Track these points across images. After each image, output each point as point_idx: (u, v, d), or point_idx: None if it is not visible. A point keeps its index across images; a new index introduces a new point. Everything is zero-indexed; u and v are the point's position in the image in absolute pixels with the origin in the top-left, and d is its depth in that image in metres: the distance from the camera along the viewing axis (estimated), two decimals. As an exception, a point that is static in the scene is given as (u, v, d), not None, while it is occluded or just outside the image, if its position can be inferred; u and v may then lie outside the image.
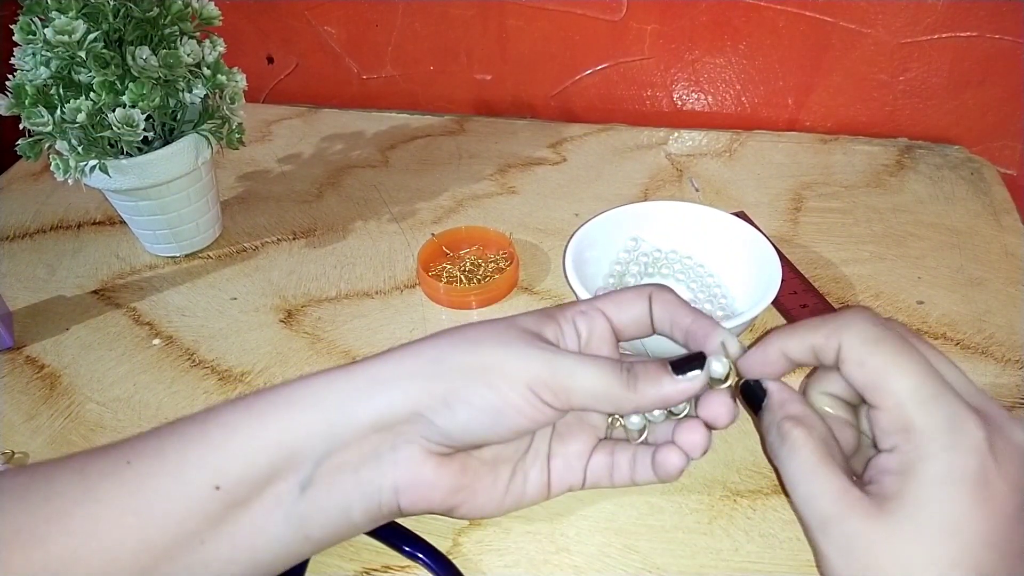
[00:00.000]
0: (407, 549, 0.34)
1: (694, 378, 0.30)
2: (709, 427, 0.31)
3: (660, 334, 0.33)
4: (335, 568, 0.34)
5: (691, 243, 0.49)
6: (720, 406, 0.31)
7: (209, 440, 0.28)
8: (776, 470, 0.29)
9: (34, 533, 0.26)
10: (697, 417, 0.32)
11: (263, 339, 0.47)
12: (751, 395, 0.31)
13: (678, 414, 0.33)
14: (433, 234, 0.52)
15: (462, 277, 0.50)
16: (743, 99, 0.67)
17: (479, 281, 0.50)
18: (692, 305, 0.32)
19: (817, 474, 0.27)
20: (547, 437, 0.33)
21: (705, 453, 0.32)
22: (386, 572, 0.34)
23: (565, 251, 0.44)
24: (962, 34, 0.59)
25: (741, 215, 0.53)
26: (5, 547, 0.25)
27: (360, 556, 0.34)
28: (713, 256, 0.48)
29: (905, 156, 0.62)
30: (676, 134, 0.66)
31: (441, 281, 0.49)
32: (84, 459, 0.28)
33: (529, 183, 0.61)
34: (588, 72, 0.69)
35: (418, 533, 0.34)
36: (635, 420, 0.33)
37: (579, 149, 0.65)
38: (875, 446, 0.28)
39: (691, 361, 0.30)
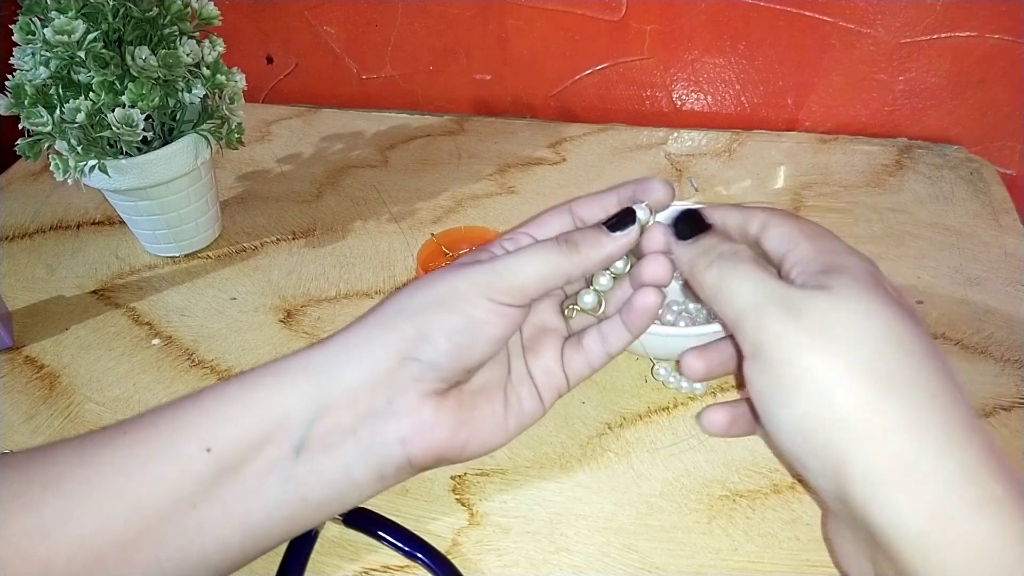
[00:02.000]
0: (407, 549, 0.34)
1: (630, 231, 0.32)
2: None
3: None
4: (335, 568, 0.34)
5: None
6: (657, 264, 0.33)
7: (201, 408, 0.29)
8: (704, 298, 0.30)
9: (30, 497, 0.27)
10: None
11: (262, 339, 0.47)
12: (695, 222, 0.32)
13: (621, 274, 0.34)
14: (432, 234, 0.52)
15: (461, 277, 0.50)
16: (742, 99, 0.67)
17: (478, 281, 0.49)
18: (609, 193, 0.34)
19: (756, 274, 0.28)
20: (521, 357, 0.34)
21: (668, 283, 0.33)
22: (386, 572, 0.34)
23: None
24: (962, 34, 0.59)
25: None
26: (3, 510, 0.26)
27: (360, 556, 0.34)
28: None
29: (904, 156, 0.62)
30: (675, 134, 0.66)
31: (440, 281, 0.49)
32: (85, 435, 0.29)
33: (529, 183, 0.61)
34: (587, 72, 0.69)
35: (418, 533, 0.34)
36: (588, 299, 0.34)
37: (579, 149, 0.65)
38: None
39: (623, 217, 0.32)
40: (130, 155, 0.47)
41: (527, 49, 0.68)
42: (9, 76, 0.45)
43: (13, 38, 0.44)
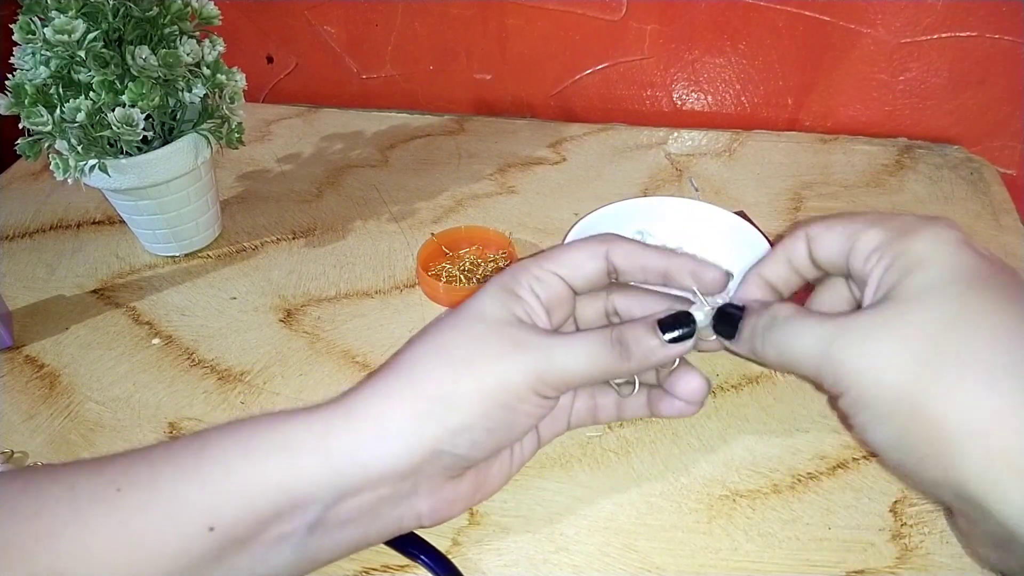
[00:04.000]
0: (407, 549, 0.34)
1: (686, 342, 0.30)
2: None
3: (632, 283, 0.33)
4: (335, 568, 0.34)
5: (693, 240, 0.49)
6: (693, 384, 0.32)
7: (203, 478, 0.27)
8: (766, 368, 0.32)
9: (22, 549, 0.25)
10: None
11: (263, 339, 0.47)
12: (727, 317, 0.31)
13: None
14: (432, 234, 0.52)
15: (461, 277, 0.50)
16: (743, 99, 0.67)
17: (478, 281, 0.50)
18: (653, 245, 0.33)
19: (804, 324, 0.28)
20: None
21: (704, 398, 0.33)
22: (386, 572, 0.34)
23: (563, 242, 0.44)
24: (962, 34, 0.59)
25: (741, 215, 0.53)
26: None
27: (360, 556, 0.34)
28: (713, 254, 0.48)
29: (905, 156, 0.62)
30: (676, 134, 0.66)
31: (440, 281, 0.49)
32: (75, 475, 0.27)
33: (529, 183, 0.61)
34: (588, 72, 0.69)
35: (418, 533, 0.34)
36: (626, 389, 0.34)
37: (579, 149, 0.65)
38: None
39: (679, 322, 0.30)
40: (130, 155, 0.47)
41: (527, 49, 0.68)
42: (9, 76, 0.45)
43: (13, 37, 0.44)
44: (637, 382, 0.34)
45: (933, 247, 0.26)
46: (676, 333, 0.30)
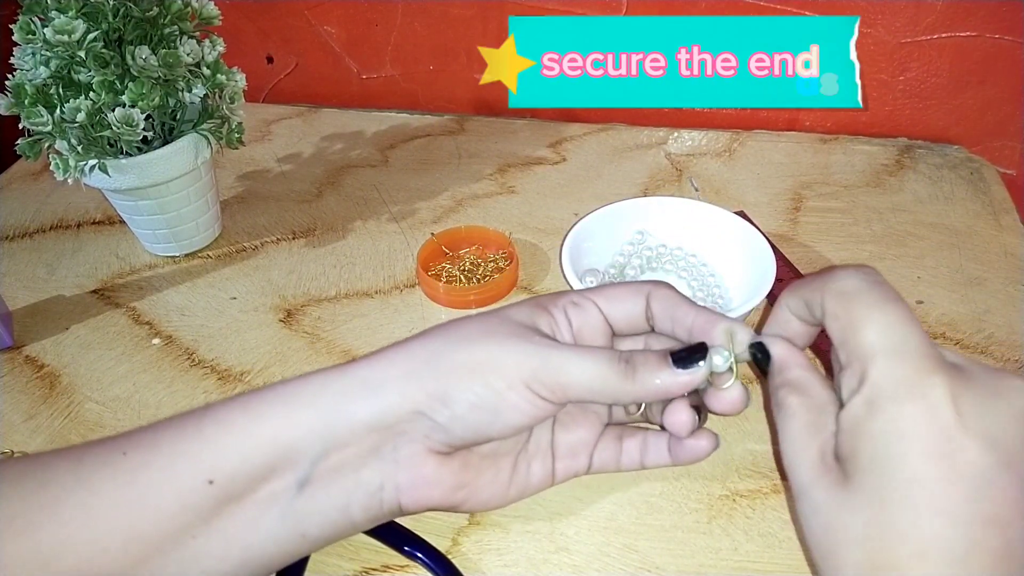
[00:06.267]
0: (406, 549, 0.34)
1: (695, 372, 0.29)
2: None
3: (661, 333, 0.32)
4: (335, 568, 0.34)
5: (693, 240, 0.49)
6: (726, 403, 0.30)
7: (203, 435, 0.28)
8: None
9: (27, 520, 0.26)
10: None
11: (263, 339, 0.47)
12: (757, 359, 0.30)
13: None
14: (433, 234, 0.52)
15: (462, 277, 0.50)
16: (743, 99, 0.67)
17: (479, 281, 0.50)
18: (695, 303, 0.32)
19: (798, 444, 0.26)
20: (548, 426, 0.33)
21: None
22: (385, 572, 0.34)
23: (563, 242, 0.45)
24: (962, 34, 0.59)
25: (741, 215, 0.53)
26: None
27: (359, 556, 0.34)
28: (713, 254, 0.48)
29: (905, 156, 0.62)
30: (676, 134, 0.66)
31: (441, 281, 0.49)
32: (83, 449, 0.28)
33: (529, 183, 0.61)
34: (588, 72, 0.69)
35: (418, 533, 0.34)
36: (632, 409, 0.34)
37: (579, 149, 0.65)
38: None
39: (693, 353, 0.29)
40: (130, 155, 0.47)
41: (527, 49, 0.68)
42: (9, 76, 0.45)
43: (13, 38, 0.44)
44: (643, 406, 0.34)
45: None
46: (684, 357, 0.29)
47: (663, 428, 0.33)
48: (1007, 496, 0.22)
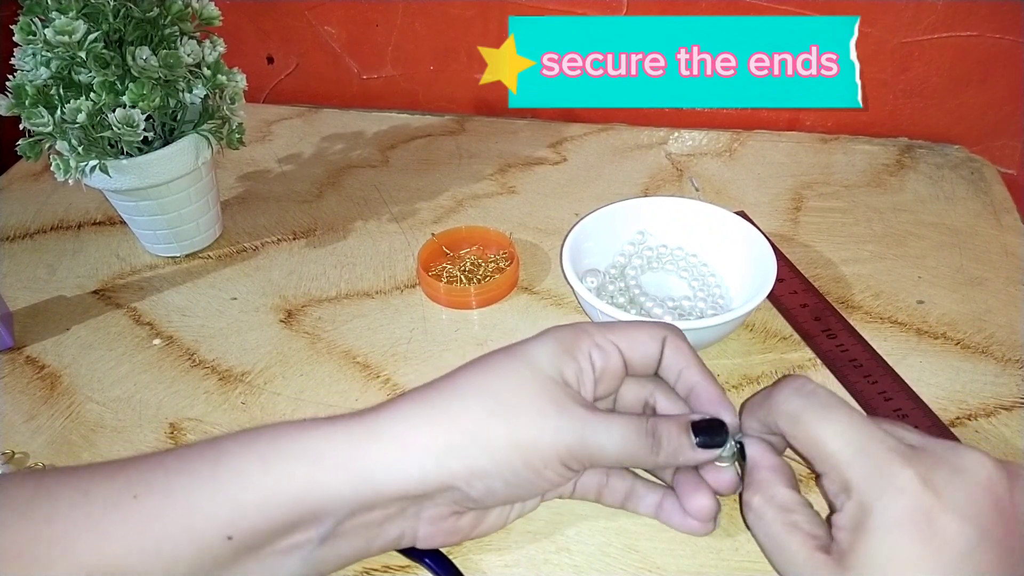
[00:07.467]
0: (407, 549, 0.34)
1: (712, 454, 0.32)
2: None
3: (663, 377, 0.34)
4: (335, 568, 0.34)
5: (693, 240, 0.49)
6: (721, 482, 0.33)
7: (220, 488, 0.27)
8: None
9: (36, 555, 0.25)
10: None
11: (263, 339, 0.47)
12: (740, 455, 0.32)
13: None
14: (433, 234, 0.52)
15: (462, 277, 0.50)
16: (743, 99, 0.67)
17: (479, 281, 0.50)
18: (704, 367, 0.33)
19: (783, 543, 0.29)
20: None
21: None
22: (386, 572, 0.34)
23: (563, 242, 0.45)
24: (962, 34, 0.59)
25: (741, 215, 0.53)
26: (6, 564, 0.25)
27: (360, 556, 0.34)
28: (714, 254, 0.48)
29: (905, 156, 0.62)
30: (676, 134, 0.66)
31: (441, 281, 0.49)
32: (88, 479, 0.27)
33: (529, 183, 0.61)
34: (588, 72, 0.69)
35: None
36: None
37: (579, 149, 0.65)
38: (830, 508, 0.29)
39: (713, 435, 0.32)
40: (131, 155, 0.48)
41: (528, 49, 0.68)
42: (10, 76, 0.45)
43: (14, 38, 0.44)
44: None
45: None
46: (707, 439, 0.32)
47: (661, 480, 0.35)
48: (987, 560, 0.25)
